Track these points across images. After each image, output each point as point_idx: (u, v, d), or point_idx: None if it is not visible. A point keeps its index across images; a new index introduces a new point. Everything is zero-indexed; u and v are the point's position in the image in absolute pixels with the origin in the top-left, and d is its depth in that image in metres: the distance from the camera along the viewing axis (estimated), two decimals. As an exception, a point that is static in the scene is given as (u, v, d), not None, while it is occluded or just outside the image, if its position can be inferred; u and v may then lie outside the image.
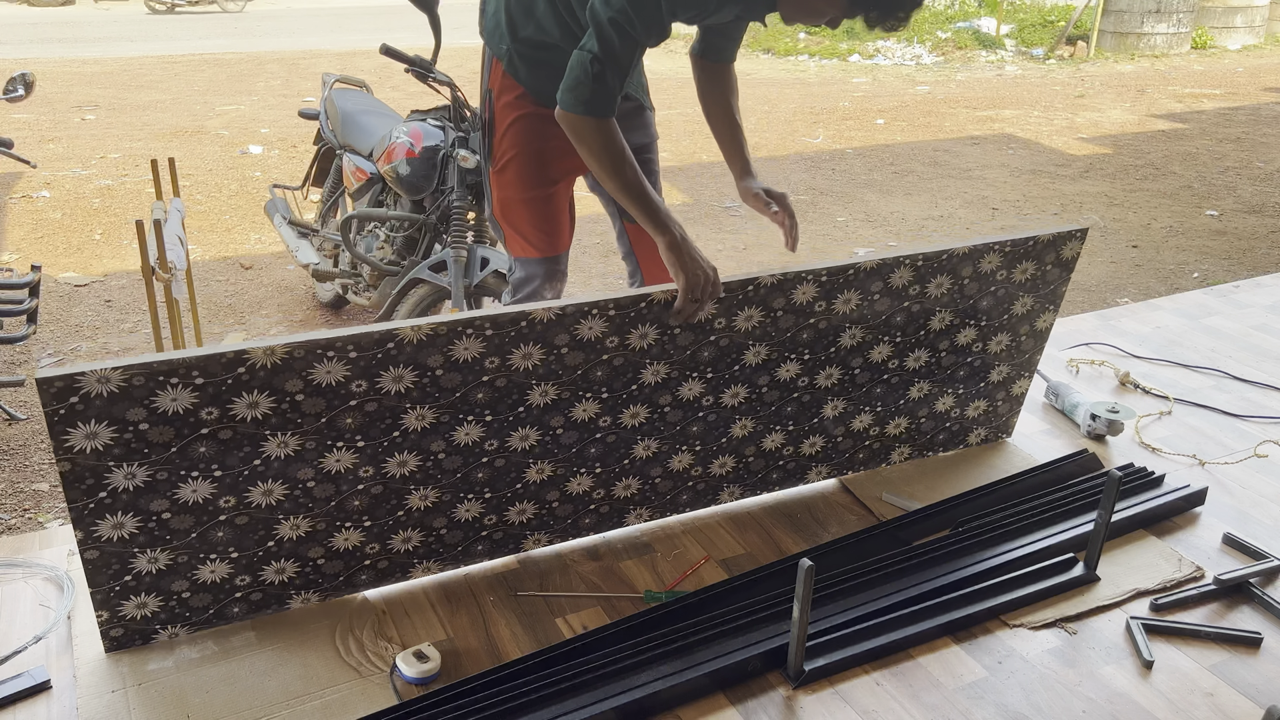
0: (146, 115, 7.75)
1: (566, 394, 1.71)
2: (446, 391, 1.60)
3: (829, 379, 1.95)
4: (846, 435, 2.07)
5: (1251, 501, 2.11)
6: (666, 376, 1.78)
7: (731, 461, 1.98)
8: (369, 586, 1.77)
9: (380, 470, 1.63)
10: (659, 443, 1.86)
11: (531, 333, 1.62)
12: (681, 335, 1.75)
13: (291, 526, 1.63)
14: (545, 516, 1.85)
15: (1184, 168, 6.80)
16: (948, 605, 1.74)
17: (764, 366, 1.87)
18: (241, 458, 1.52)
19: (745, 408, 1.91)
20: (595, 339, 1.68)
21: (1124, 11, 11.14)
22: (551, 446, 1.76)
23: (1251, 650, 1.70)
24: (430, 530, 1.75)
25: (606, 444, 1.81)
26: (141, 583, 1.58)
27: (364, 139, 3.79)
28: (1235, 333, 2.91)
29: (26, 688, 1.55)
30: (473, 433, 1.67)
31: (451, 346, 1.57)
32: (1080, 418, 2.36)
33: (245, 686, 1.57)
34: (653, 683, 1.55)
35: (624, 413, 1.79)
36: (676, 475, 1.94)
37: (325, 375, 1.51)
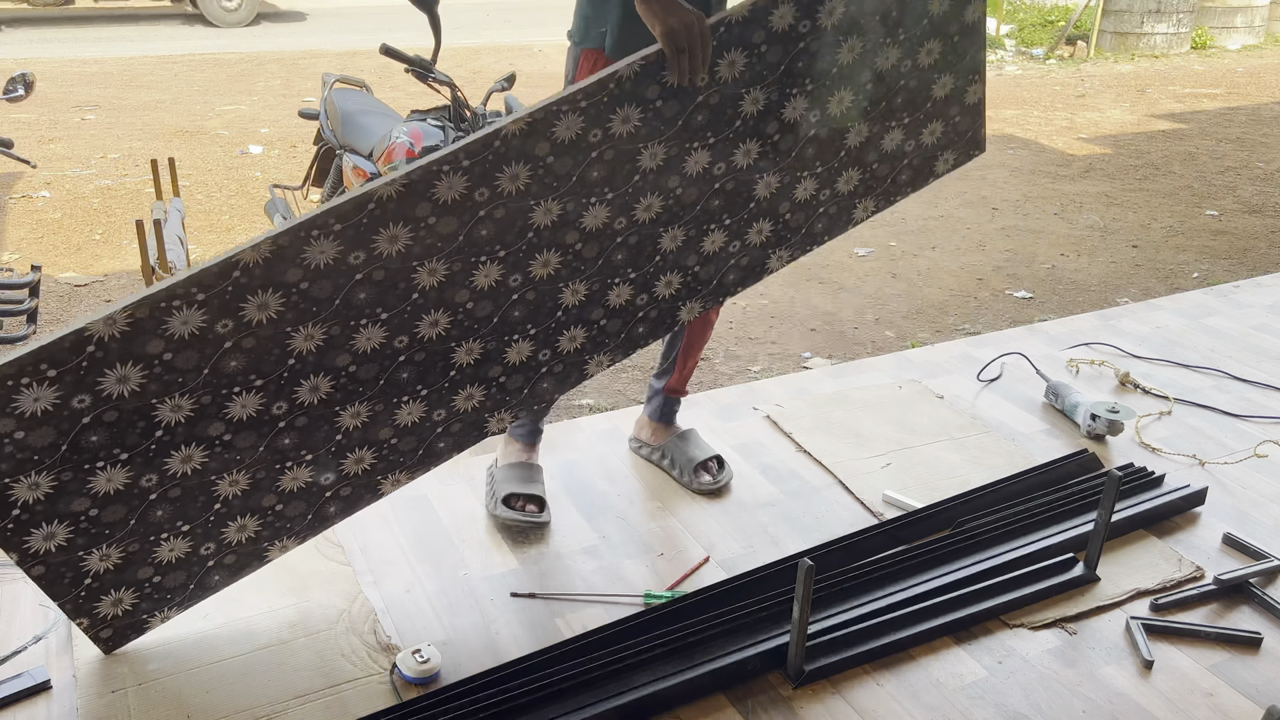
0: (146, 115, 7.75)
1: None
2: (323, 302, 1.48)
3: (748, 155, 1.73)
4: (795, 209, 1.84)
5: (1251, 501, 2.11)
6: (560, 213, 1.61)
7: (677, 278, 1.79)
8: (340, 517, 1.69)
9: (294, 402, 1.53)
10: (585, 284, 1.70)
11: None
12: (557, 162, 1.57)
13: (230, 484, 1.55)
14: (497, 394, 1.72)
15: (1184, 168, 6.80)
16: (948, 605, 1.74)
17: (667, 167, 1.66)
18: (140, 432, 1.45)
19: (665, 217, 1.71)
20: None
21: (1124, 11, 11.14)
22: (467, 323, 1.62)
23: (1251, 650, 1.70)
24: (378, 445, 1.65)
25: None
26: (104, 581, 1.54)
27: (364, 139, 3.78)
28: (1235, 333, 2.91)
29: (26, 688, 1.55)
30: (374, 335, 1.55)
31: (375, 238, 1.46)
32: (1080, 418, 2.36)
33: (245, 687, 1.57)
34: (653, 683, 1.55)
35: (532, 263, 1.63)
36: (621, 311, 1.77)
37: (182, 327, 1.41)
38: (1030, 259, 5.05)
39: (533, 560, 1.90)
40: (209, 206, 5.69)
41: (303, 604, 1.76)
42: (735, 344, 4.01)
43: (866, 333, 3.96)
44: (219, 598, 1.77)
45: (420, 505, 2.07)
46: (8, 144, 3.57)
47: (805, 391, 2.57)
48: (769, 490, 2.14)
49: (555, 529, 2.00)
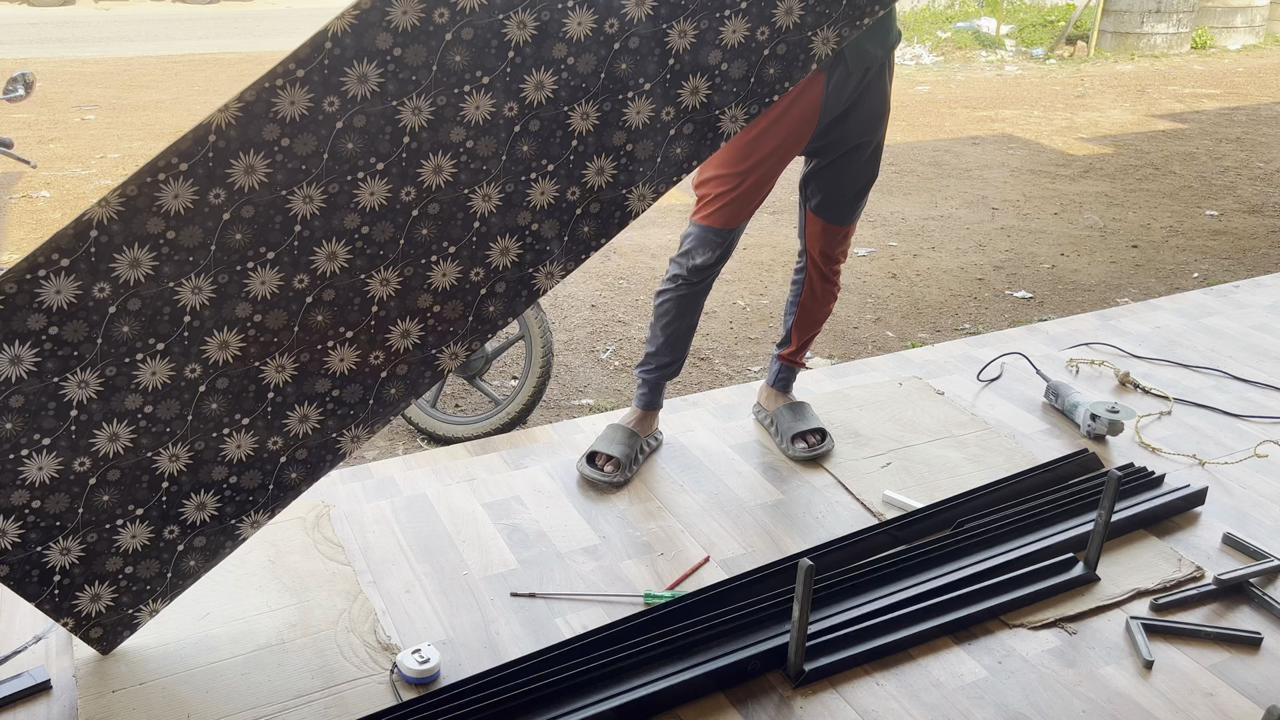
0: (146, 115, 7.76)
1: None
2: (197, 250, 1.40)
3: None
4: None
5: (1251, 501, 2.11)
6: (430, 117, 1.46)
7: (609, 164, 1.58)
8: (305, 483, 1.64)
9: (205, 362, 1.47)
10: (497, 189, 1.53)
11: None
12: (411, 50, 1.41)
13: (170, 458, 1.51)
14: (434, 325, 1.59)
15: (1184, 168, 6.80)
16: (948, 605, 1.74)
17: (547, 34, 1.46)
18: (54, 414, 1.42)
19: (566, 94, 1.51)
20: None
21: (1124, 11, 11.14)
22: (475, 165, 1.48)
23: (1251, 650, 1.70)
24: (320, 399, 1.58)
25: (535, 134, 1.51)
26: (74, 577, 1.53)
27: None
28: (1235, 333, 2.91)
29: (26, 688, 1.55)
30: (339, 253, 1.47)
31: (229, 172, 1.37)
32: (1080, 418, 2.36)
33: (245, 686, 1.57)
34: (653, 683, 1.55)
35: (524, 88, 1.47)
36: (553, 211, 1.58)
37: (55, 297, 1.36)
38: (1030, 259, 5.05)
39: (533, 560, 1.90)
40: (209, 206, 5.69)
41: (303, 604, 1.76)
42: (735, 344, 4.01)
43: (866, 333, 3.96)
44: (219, 597, 1.77)
45: (420, 505, 2.07)
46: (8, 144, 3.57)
47: (805, 391, 2.57)
48: (769, 490, 2.14)
49: (555, 529, 2.00)
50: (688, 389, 3.44)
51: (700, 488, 2.15)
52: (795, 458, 2.24)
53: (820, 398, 2.51)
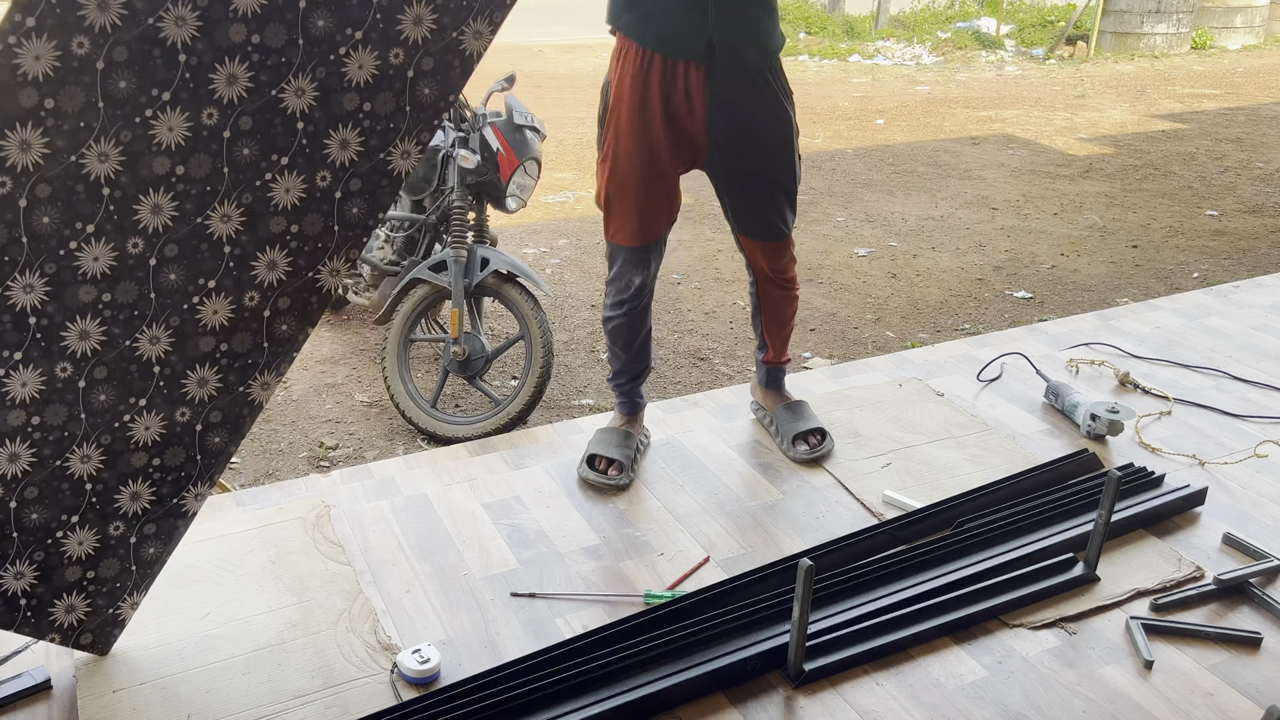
0: (146, 115, 7.75)
1: (204, 1, 1.28)
2: (9, 246, 1.29)
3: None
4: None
5: (1251, 501, 2.11)
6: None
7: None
8: (233, 444, 1.56)
9: (73, 358, 1.39)
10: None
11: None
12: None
13: (81, 459, 1.46)
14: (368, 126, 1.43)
15: (1184, 168, 6.80)
16: (948, 605, 1.74)
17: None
18: None
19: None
20: None
21: (1124, 11, 11.14)
22: (274, 62, 1.35)
23: (1251, 650, 1.70)
24: (209, 357, 1.49)
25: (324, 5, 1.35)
26: (39, 596, 1.51)
27: (364, 139, 3.78)
28: (1235, 333, 2.91)
29: (26, 688, 1.55)
30: (165, 206, 1.34)
31: (1, 154, 1.23)
32: (1080, 418, 2.36)
33: (245, 686, 1.57)
34: (653, 683, 1.55)
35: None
36: None
37: None
38: (1030, 259, 5.05)
39: (533, 560, 1.90)
40: (209, 206, 5.68)
41: (303, 604, 1.76)
42: (735, 344, 4.01)
43: (866, 333, 3.96)
44: (219, 597, 1.77)
45: (420, 505, 2.07)
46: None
47: (805, 391, 2.57)
48: (769, 490, 2.14)
49: (555, 529, 2.00)
50: (688, 389, 3.44)
51: (700, 488, 2.15)
52: (797, 459, 2.24)
53: (820, 398, 2.51)
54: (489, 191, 3.22)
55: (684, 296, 4.54)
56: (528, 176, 3.25)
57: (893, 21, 12.49)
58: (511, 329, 4.06)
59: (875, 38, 11.90)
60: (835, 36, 11.93)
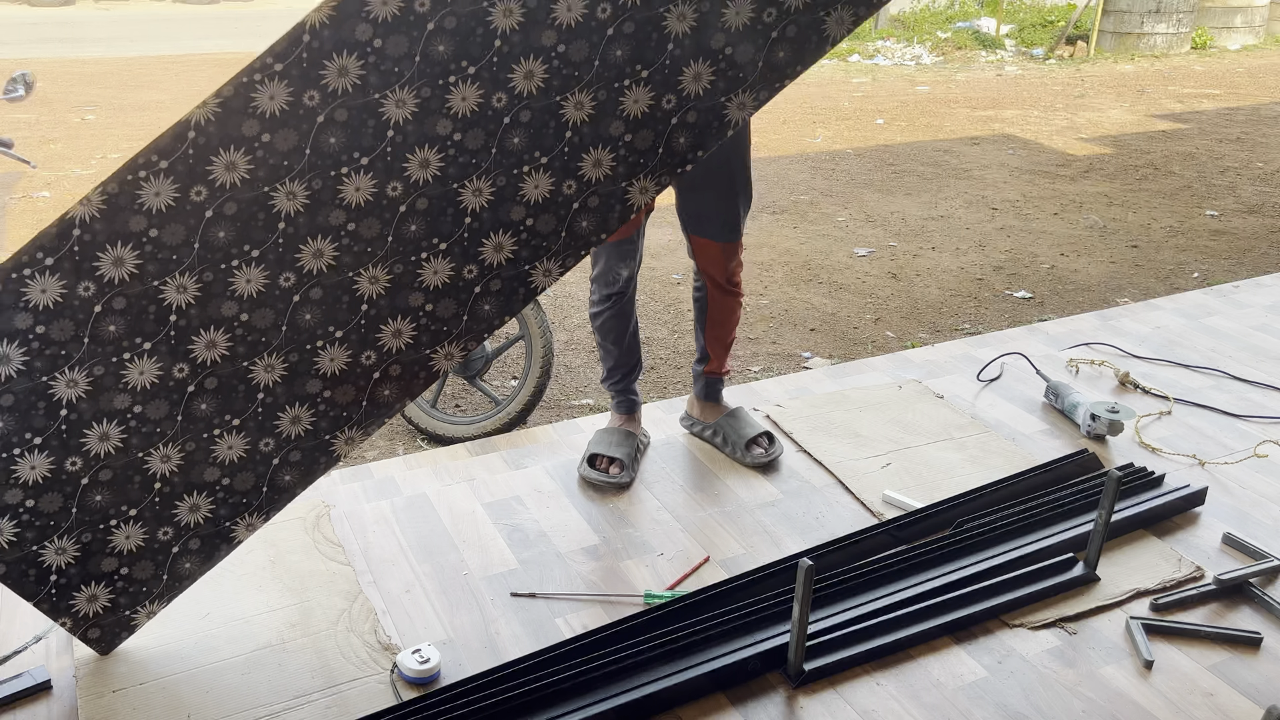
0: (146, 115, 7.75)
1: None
2: (181, 248, 1.39)
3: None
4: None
5: (1251, 501, 2.11)
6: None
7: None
8: (300, 485, 1.62)
9: (194, 362, 1.46)
10: (589, 94, 1.47)
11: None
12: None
13: (161, 459, 1.51)
14: (429, 325, 1.56)
15: (1184, 168, 6.80)
16: (948, 605, 1.74)
17: (536, 20, 1.42)
18: (44, 413, 1.42)
19: (558, 83, 1.47)
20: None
21: (1124, 11, 11.14)
22: (463, 159, 1.46)
23: (1251, 650, 1.70)
24: (311, 399, 1.56)
25: (525, 124, 1.47)
26: (70, 577, 1.53)
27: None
28: (1235, 333, 2.91)
29: (26, 688, 1.55)
30: (325, 250, 1.46)
31: (210, 169, 1.37)
32: (1080, 418, 2.36)
33: (245, 686, 1.57)
34: (653, 683, 1.55)
35: (513, 77, 1.43)
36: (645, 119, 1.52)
37: (41, 296, 1.37)
38: (1030, 259, 5.05)
39: (533, 560, 1.90)
40: (209, 206, 5.69)
41: (303, 604, 1.76)
42: (735, 344, 4.01)
43: (866, 333, 3.96)
44: (219, 597, 1.77)
45: (420, 505, 2.07)
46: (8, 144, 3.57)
47: (805, 391, 2.57)
48: (769, 490, 2.14)
49: (555, 529, 2.00)
50: (687, 389, 3.44)
51: (700, 488, 2.15)
52: (754, 464, 2.21)
53: (820, 398, 2.51)
54: None
55: (684, 297, 4.53)
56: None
57: (893, 21, 12.49)
58: (511, 329, 4.06)
59: (875, 37, 11.90)
60: (835, 36, 11.90)
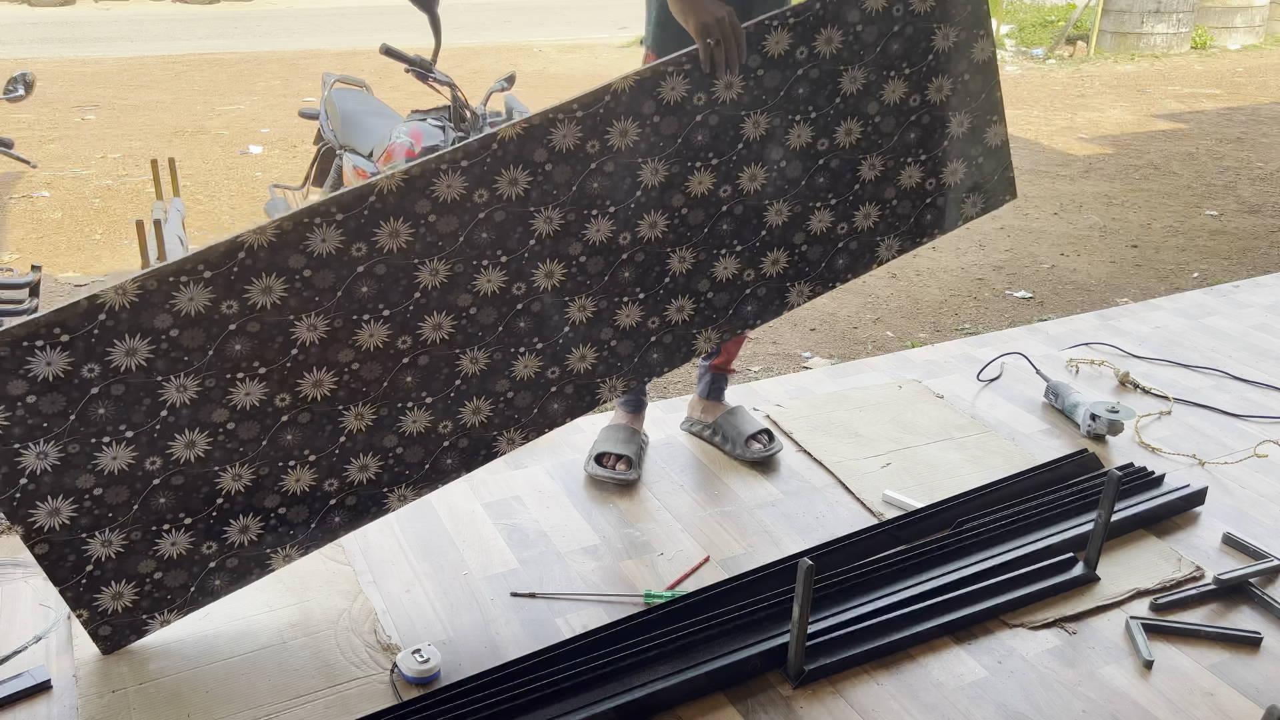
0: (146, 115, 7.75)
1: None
2: (326, 292, 1.51)
3: (754, 180, 1.73)
4: (811, 242, 1.83)
5: (1251, 501, 2.11)
6: (562, 224, 1.63)
7: (690, 304, 1.77)
8: (346, 528, 1.69)
9: (296, 395, 1.55)
10: (593, 301, 1.70)
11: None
12: (557, 170, 1.60)
13: (233, 477, 1.56)
14: (506, 410, 1.70)
15: (1184, 168, 6.80)
16: (948, 605, 1.74)
17: (670, 185, 1.68)
18: (145, 411, 1.47)
19: (672, 237, 1.71)
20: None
21: (1124, 11, 11.14)
22: (472, 330, 1.63)
23: (1251, 650, 1.70)
24: (383, 452, 1.64)
25: (533, 314, 1.66)
26: (106, 570, 1.55)
27: (364, 139, 3.78)
28: (1235, 333, 2.91)
29: (26, 688, 1.55)
30: (372, 334, 1.57)
31: (376, 231, 1.50)
32: (1080, 418, 2.36)
33: (245, 686, 1.57)
34: (653, 683, 1.55)
35: (536, 273, 1.63)
36: (631, 333, 1.75)
37: (189, 304, 1.44)
38: (1030, 259, 5.05)
39: (533, 560, 1.90)
40: (209, 206, 5.69)
41: (303, 604, 1.76)
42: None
43: (866, 333, 3.96)
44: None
45: (420, 505, 2.07)
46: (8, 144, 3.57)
47: (805, 391, 2.57)
48: (769, 490, 2.14)
49: (555, 529, 2.00)
50: (688, 389, 3.44)
51: (700, 488, 2.15)
52: (753, 458, 2.23)
53: (820, 398, 2.51)
54: None
55: (684, 296, 4.53)
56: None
57: (893, 21, 12.46)
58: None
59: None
60: (835, 36, 11.91)
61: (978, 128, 1.91)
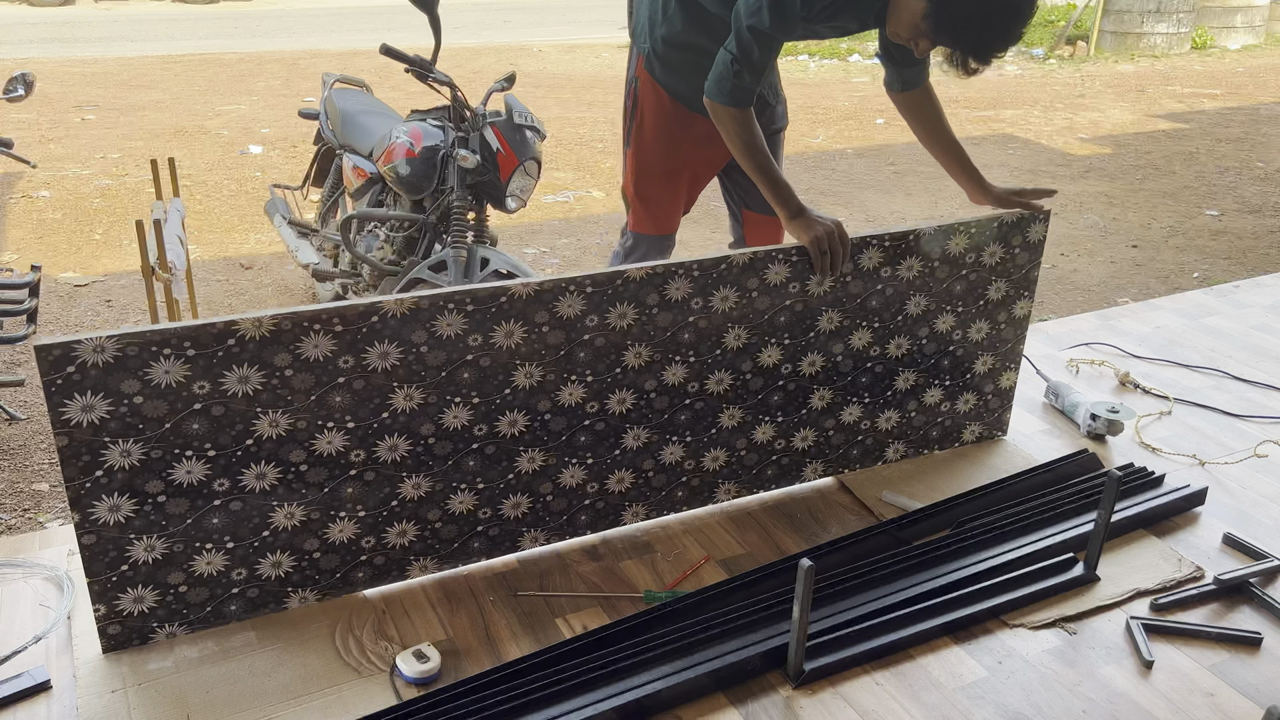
0: (146, 115, 7.75)
1: (551, 376, 1.72)
2: (432, 370, 1.62)
3: (812, 366, 1.96)
4: (837, 429, 2.07)
5: (1251, 501, 2.11)
6: (649, 360, 1.79)
7: (724, 455, 1.97)
8: (367, 585, 1.76)
9: (371, 454, 1.63)
10: (648, 432, 1.86)
11: (512, 309, 1.63)
12: (660, 315, 1.76)
13: (286, 515, 1.62)
14: (540, 511, 1.84)
15: (1184, 168, 6.80)
16: (948, 605, 1.74)
17: (745, 351, 1.88)
18: (234, 436, 1.53)
19: (731, 395, 1.91)
20: (574, 317, 1.69)
21: (1124, 11, 11.14)
22: (541, 433, 1.75)
23: (1251, 650, 1.70)
24: (425, 523, 1.74)
25: (595, 432, 1.81)
26: (139, 573, 1.58)
27: (364, 139, 3.78)
28: (1235, 333, 2.91)
29: (26, 688, 1.55)
30: (461, 415, 1.67)
31: (434, 321, 1.59)
32: (1080, 418, 2.36)
33: (245, 686, 1.57)
34: (653, 683, 1.55)
35: (610, 398, 1.78)
36: (669, 469, 1.93)
37: (313, 350, 1.52)
38: (1030, 259, 5.05)
39: (533, 560, 1.90)
40: (209, 206, 5.69)
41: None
42: (735, 344, 4.01)
43: (866, 333, 3.96)
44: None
45: (420, 505, 2.07)
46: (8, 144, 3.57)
47: (805, 391, 2.57)
48: (768, 490, 2.14)
49: (555, 529, 2.00)
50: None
51: (700, 488, 2.15)
52: None
53: (820, 398, 2.51)
54: (489, 191, 3.21)
55: (684, 296, 4.53)
56: (528, 177, 3.25)
57: (893, 21, 12.46)
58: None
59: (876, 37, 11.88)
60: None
61: (996, 370, 2.20)
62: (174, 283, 2.91)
